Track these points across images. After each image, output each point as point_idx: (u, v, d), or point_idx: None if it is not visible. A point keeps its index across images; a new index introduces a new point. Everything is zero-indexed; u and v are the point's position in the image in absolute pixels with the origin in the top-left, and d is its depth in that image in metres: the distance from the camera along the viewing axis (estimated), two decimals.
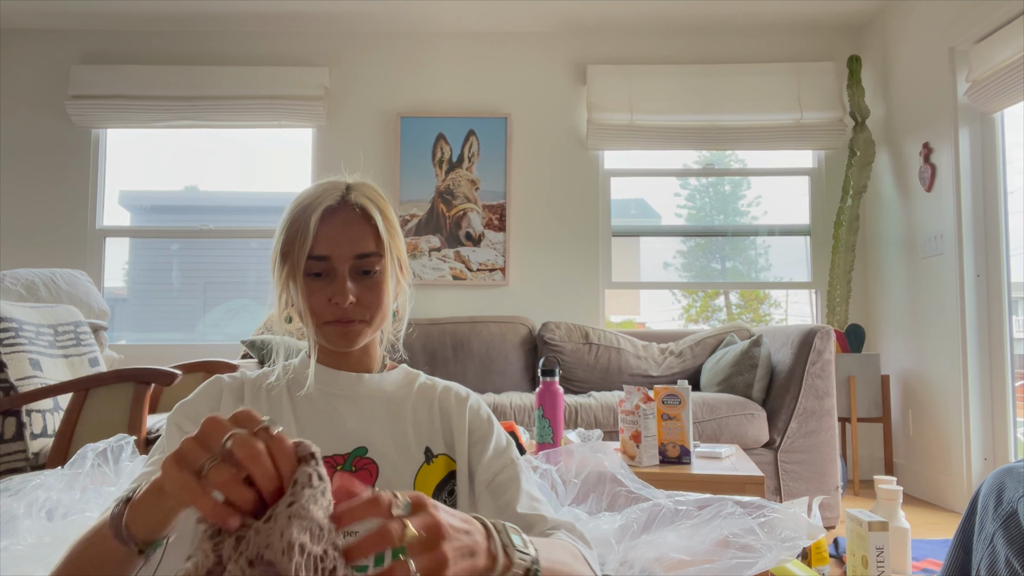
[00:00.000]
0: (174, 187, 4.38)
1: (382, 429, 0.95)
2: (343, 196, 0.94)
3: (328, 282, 0.92)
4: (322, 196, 0.94)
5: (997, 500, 1.03)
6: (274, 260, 0.97)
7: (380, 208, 0.95)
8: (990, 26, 3.03)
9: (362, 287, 0.93)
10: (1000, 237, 3.18)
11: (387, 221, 0.95)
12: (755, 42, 4.13)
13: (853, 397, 3.53)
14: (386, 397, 0.98)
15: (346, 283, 0.91)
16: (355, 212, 0.94)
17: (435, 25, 4.10)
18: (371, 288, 0.94)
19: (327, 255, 0.92)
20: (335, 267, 0.92)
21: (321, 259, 0.92)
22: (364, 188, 0.97)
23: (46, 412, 2.22)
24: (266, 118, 4.06)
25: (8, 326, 2.23)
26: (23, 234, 4.03)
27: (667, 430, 1.97)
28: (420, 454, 0.94)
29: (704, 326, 4.41)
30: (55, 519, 1.20)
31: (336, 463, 0.90)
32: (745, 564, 1.06)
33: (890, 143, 3.83)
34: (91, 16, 3.98)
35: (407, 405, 0.98)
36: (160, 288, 4.22)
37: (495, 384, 3.51)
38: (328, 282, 0.92)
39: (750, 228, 4.30)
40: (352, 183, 0.97)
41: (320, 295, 0.92)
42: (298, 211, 0.94)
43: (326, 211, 0.92)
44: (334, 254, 0.92)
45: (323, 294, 0.92)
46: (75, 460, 1.37)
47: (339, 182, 0.97)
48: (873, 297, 3.99)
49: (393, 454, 0.92)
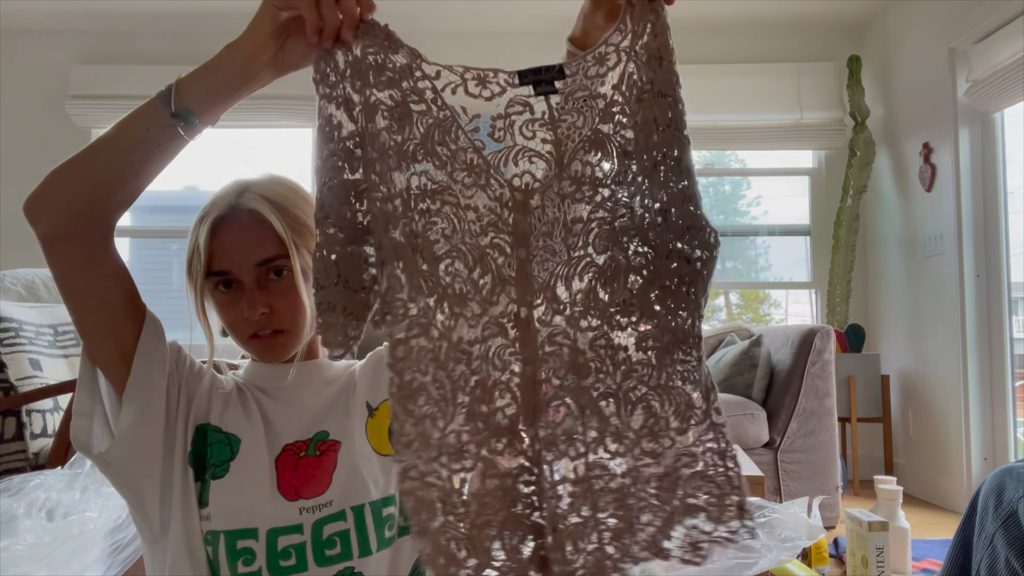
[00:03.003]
0: (174, 187, 4.38)
1: (335, 407, 0.94)
2: (233, 204, 0.89)
3: (237, 297, 0.89)
4: (210, 207, 0.89)
5: (997, 500, 1.03)
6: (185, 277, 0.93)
7: (278, 206, 0.89)
8: (990, 26, 3.03)
9: (274, 293, 0.89)
10: (1000, 237, 3.18)
11: (289, 218, 0.89)
12: (755, 42, 4.13)
13: (853, 397, 3.53)
14: (337, 374, 0.98)
15: (252, 295, 0.87)
16: (246, 219, 0.88)
17: (435, 25, 4.10)
18: (284, 293, 0.89)
19: (227, 269, 0.88)
20: (239, 279, 0.88)
21: (222, 274, 0.88)
22: (260, 187, 0.91)
23: (46, 412, 2.22)
24: (266, 118, 4.06)
25: (8, 326, 2.23)
26: (23, 234, 4.00)
27: None
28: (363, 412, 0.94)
29: (704, 326, 4.41)
30: (55, 519, 1.20)
31: (300, 449, 0.90)
32: (745, 564, 1.06)
33: (890, 143, 3.83)
34: (91, 16, 3.98)
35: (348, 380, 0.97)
36: (160, 288, 4.22)
37: None
38: (237, 297, 0.89)
39: (750, 228, 4.30)
40: (249, 182, 0.92)
41: (233, 310, 0.89)
42: (193, 227, 0.90)
43: (216, 222, 0.88)
44: (233, 267, 0.88)
45: (236, 308, 0.89)
46: (75, 460, 1.37)
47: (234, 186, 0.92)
48: (873, 297, 3.99)
49: (345, 425, 0.92)
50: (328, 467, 0.89)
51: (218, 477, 0.87)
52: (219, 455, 0.88)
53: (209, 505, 0.86)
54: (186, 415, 0.89)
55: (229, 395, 0.93)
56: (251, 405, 0.93)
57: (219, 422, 0.90)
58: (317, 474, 0.89)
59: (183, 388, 0.90)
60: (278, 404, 0.94)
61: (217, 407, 0.91)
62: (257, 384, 0.95)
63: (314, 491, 0.88)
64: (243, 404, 0.93)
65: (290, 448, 0.90)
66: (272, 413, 0.93)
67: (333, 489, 0.88)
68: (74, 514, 1.20)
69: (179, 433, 0.88)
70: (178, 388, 0.90)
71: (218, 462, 0.88)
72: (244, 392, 0.94)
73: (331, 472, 0.89)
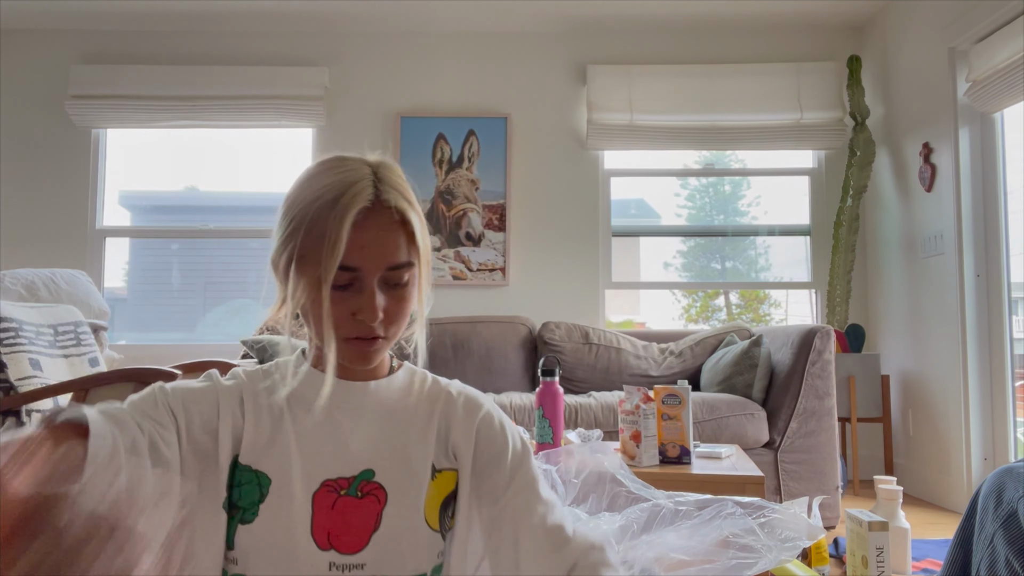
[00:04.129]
0: (174, 187, 4.38)
1: (388, 446, 0.85)
2: (374, 196, 0.80)
3: (353, 294, 0.80)
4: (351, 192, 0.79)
5: (997, 500, 1.03)
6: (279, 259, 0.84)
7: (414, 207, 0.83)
8: (990, 26, 3.03)
9: (390, 299, 0.82)
10: (1000, 237, 3.18)
11: (421, 222, 0.83)
12: (755, 42, 4.13)
13: (853, 397, 3.53)
14: (391, 407, 0.88)
15: (375, 298, 0.80)
16: (390, 215, 0.81)
17: (435, 25, 4.10)
18: (399, 300, 0.83)
19: (356, 267, 0.79)
20: (363, 279, 0.80)
21: (348, 270, 0.79)
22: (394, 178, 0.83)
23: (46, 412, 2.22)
24: (266, 118, 4.06)
25: (8, 326, 2.23)
26: (23, 234, 4.03)
27: (667, 430, 1.97)
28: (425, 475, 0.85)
29: (704, 326, 4.41)
30: None
31: (340, 487, 0.82)
32: (745, 564, 1.06)
33: (890, 143, 3.83)
34: (91, 16, 3.98)
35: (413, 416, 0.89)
36: (160, 288, 4.22)
37: (495, 384, 3.51)
38: (353, 294, 0.80)
39: (750, 228, 4.30)
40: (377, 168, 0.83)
41: (342, 307, 0.80)
42: (321, 208, 0.79)
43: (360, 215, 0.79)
44: (364, 266, 0.80)
45: (345, 307, 0.81)
46: None
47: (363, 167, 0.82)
48: (873, 297, 3.99)
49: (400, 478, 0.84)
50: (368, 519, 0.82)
51: (247, 521, 0.80)
52: (248, 497, 0.81)
53: (236, 549, 0.80)
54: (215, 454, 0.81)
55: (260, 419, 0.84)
56: (287, 430, 0.84)
57: (248, 458, 0.82)
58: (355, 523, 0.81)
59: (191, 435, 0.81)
60: (322, 429, 0.84)
61: (247, 440, 0.83)
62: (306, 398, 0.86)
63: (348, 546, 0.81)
64: (277, 431, 0.84)
65: (330, 484, 0.82)
66: (313, 440, 0.84)
67: (369, 551, 0.81)
68: None
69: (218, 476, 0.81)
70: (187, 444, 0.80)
71: (247, 505, 0.81)
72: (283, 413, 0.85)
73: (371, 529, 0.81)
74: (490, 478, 0.87)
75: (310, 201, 0.80)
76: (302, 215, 0.80)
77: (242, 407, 0.84)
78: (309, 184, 0.82)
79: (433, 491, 0.86)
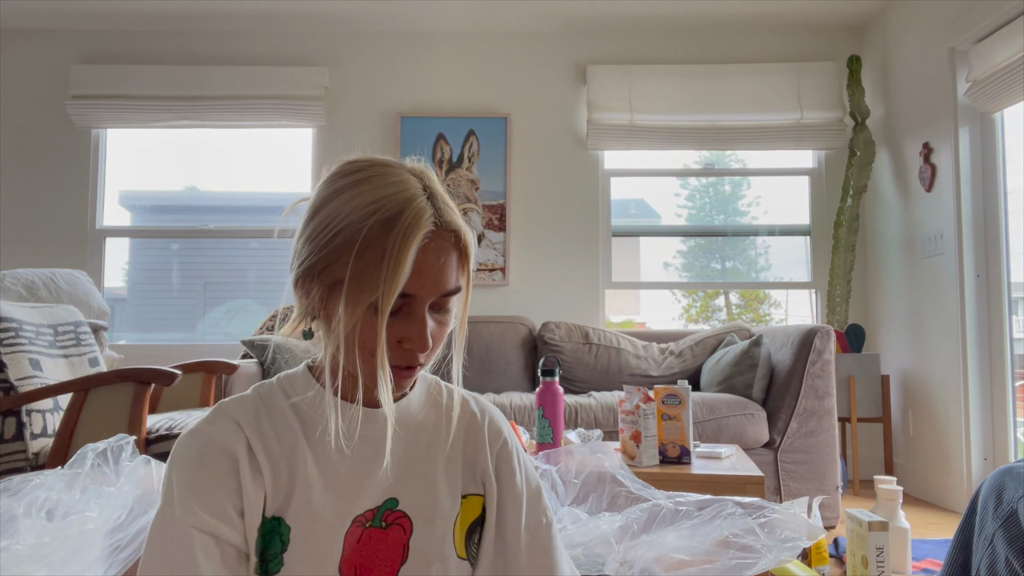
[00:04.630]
0: (174, 187, 4.38)
1: (411, 472, 0.81)
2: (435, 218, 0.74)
3: (400, 320, 0.74)
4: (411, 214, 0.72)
5: (997, 500, 1.03)
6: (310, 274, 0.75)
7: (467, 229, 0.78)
8: (990, 26, 3.03)
9: (436, 324, 0.77)
10: (1000, 237, 3.18)
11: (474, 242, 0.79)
12: (755, 42, 4.13)
13: (853, 397, 3.53)
14: (411, 429, 0.83)
15: (426, 327, 0.75)
16: (448, 238, 0.75)
17: (435, 25, 4.10)
18: (442, 324, 0.78)
19: (412, 294, 0.74)
20: (414, 306, 0.74)
21: (403, 296, 0.73)
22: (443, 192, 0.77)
23: (46, 412, 2.22)
24: (266, 118, 4.06)
25: (8, 326, 2.23)
26: (23, 234, 4.03)
27: (667, 430, 1.97)
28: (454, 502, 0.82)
29: (704, 326, 4.41)
30: (55, 519, 1.19)
31: (366, 519, 0.78)
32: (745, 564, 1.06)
33: (890, 143, 3.83)
34: (91, 16, 3.98)
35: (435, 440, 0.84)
36: (160, 288, 4.22)
37: (495, 384, 3.51)
38: (400, 320, 0.74)
39: (750, 228, 4.30)
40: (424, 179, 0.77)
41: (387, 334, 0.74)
42: (378, 227, 0.71)
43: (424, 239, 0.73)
44: (420, 293, 0.74)
45: (391, 333, 0.74)
46: (75, 460, 1.37)
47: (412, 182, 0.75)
48: (873, 297, 3.99)
49: (425, 506, 0.80)
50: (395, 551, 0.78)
51: (272, 572, 0.76)
52: (271, 548, 0.77)
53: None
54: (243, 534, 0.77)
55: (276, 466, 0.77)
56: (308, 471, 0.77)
57: (271, 508, 0.77)
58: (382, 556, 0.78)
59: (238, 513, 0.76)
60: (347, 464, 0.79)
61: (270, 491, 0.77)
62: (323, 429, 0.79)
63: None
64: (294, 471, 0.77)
65: (359, 519, 0.78)
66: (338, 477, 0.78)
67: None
68: (74, 514, 1.20)
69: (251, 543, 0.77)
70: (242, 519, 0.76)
71: (271, 556, 0.77)
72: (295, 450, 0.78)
73: (398, 562, 0.78)
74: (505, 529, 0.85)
75: (361, 216, 0.72)
76: (350, 231, 0.72)
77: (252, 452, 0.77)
78: (354, 196, 0.74)
79: (460, 517, 0.83)
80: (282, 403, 0.80)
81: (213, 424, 0.77)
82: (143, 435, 2.09)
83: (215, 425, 0.77)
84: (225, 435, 0.76)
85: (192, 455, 0.75)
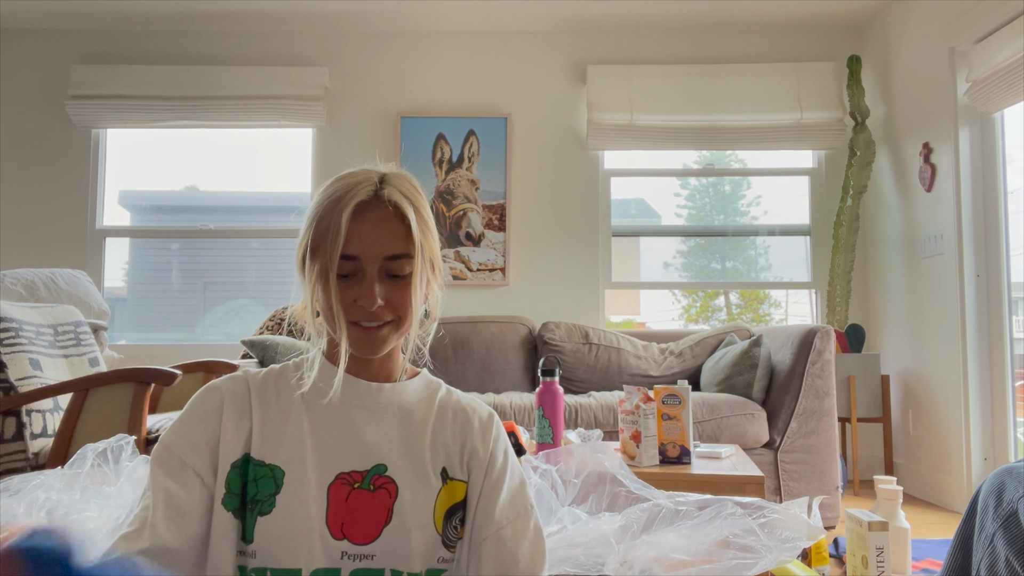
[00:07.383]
0: (174, 187, 4.38)
1: (400, 445, 0.90)
2: (376, 190, 0.88)
3: (355, 283, 0.87)
4: (354, 190, 0.87)
5: (997, 500, 1.03)
6: (302, 256, 0.90)
7: (415, 205, 0.89)
8: (990, 26, 3.03)
9: (391, 288, 0.88)
10: (1000, 237, 3.18)
11: (421, 219, 0.89)
12: (755, 42, 4.13)
13: (853, 397, 3.53)
14: (405, 410, 0.93)
15: (374, 286, 0.86)
16: (387, 209, 0.88)
17: (435, 25, 4.10)
18: (400, 289, 0.88)
19: (356, 255, 0.86)
20: (363, 268, 0.87)
21: (349, 259, 0.86)
22: (399, 181, 0.91)
23: (46, 412, 2.22)
24: (266, 118, 4.06)
25: (8, 326, 2.23)
26: (23, 234, 4.03)
27: (667, 430, 1.97)
28: (437, 478, 0.90)
29: (704, 326, 4.41)
30: (55, 519, 1.19)
31: (355, 480, 0.87)
32: (745, 564, 1.06)
33: (890, 143, 3.83)
34: (91, 16, 3.98)
35: (426, 420, 0.93)
36: (160, 288, 4.22)
37: (495, 384, 3.51)
38: (355, 283, 0.87)
39: (750, 228, 4.30)
40: (386, 173, 0.91)
41: (346, 295, 0.87)
42: (328, 205, 0.87)
43: (358, 207, 0.86)
44: (363, 254, 0.86)
45: (348, 295, 0.87)
46: (75, 460, 1.37)
47: (371, 172, 0.90)
48: (873, 297, 3.99)
49: (411, 475, 0.89)
50: (380, 512, 0.87)
51: (264, 513, 0.85)
52: (264, 489, 0.86)
53: (254, 542, 0.84)
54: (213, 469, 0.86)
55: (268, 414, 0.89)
56: (301, 425, 0.89)
57: (259, 453, 0.87)
58: (367, 515, 0.86)
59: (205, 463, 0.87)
60: (337, 424, 0.90)
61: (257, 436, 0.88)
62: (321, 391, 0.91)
63: (360, 536, 0.86)
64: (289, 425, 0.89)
65: (344, 477, 0.87)
66: (327, 435, 0.89)
67: (380, 543, 0.86)
68: (74, 514, 1.20)
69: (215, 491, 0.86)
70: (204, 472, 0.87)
71: (263, 497, 0.85)
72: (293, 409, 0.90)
73: (382, 522, 0.86)
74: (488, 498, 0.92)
75: (321, 201, 0.89)
76: (313, 214, 0.89)
77: (248, 401, 0.90)
78: (324, 190, 0.90)
79: (443, 496, 0.90)
80: (292, 375, 0.93)
81: (225, 379, 0.92)
82: (143, 435, 2.09)
83: (226, 379, 0.92)
84: (228, 384, 0.91)
85: (196, 396, 0.90)
